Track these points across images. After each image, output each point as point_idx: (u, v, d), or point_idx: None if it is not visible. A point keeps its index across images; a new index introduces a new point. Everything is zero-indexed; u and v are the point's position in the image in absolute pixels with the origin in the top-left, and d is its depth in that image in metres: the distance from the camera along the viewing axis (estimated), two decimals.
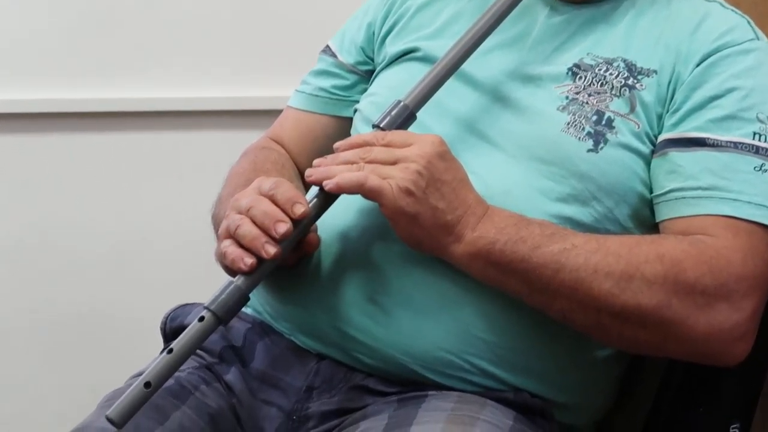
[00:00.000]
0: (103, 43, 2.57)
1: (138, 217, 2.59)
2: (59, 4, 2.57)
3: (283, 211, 1.51)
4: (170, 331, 1.72)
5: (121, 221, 2.59)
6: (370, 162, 1.52)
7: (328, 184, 1.52)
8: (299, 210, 1.52)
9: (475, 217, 1.54)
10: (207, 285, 1.58)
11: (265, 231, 1.50)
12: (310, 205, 1.55)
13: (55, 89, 2.55)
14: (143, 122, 2.56)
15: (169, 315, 1.74)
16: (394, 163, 1.52)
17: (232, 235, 1.53)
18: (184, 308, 1.73)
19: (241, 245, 1.51)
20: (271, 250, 1.49)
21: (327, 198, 1.56)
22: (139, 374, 1.54)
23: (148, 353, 1.63)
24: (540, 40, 1.73)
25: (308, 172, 1.58)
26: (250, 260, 1.50)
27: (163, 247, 2.55)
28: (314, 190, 1.61)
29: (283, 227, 1.49)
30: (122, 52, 2.58)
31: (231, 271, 1.55)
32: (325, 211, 1.57)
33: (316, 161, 1.58)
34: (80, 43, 2.57)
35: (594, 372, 1.67)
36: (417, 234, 1.53)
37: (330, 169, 1.54)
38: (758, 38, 1.69)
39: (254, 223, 1.51)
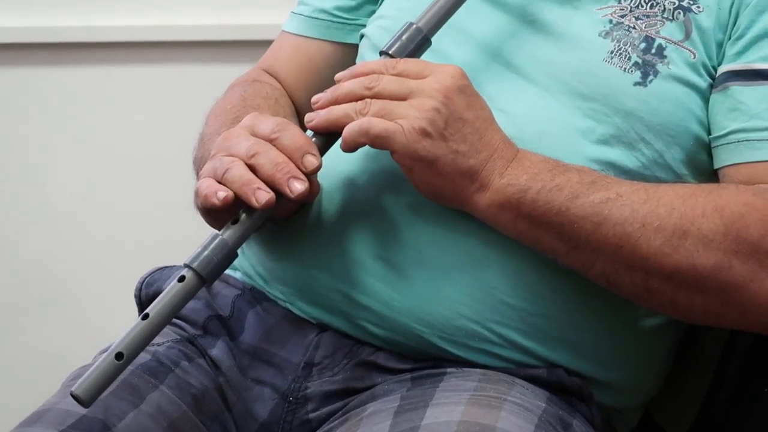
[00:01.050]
0: None
1: (109, 162, 2.58)
2: None
3: (293, 160, 1.42)
4: (146, 298, 1.62)
5: (89, 166, 2.57)
6: (377, 96, 1.43)
7: (330, 121, 1.45)
8: (311, 164, 1.42)
9: (503, 161, 1.45)
10: (190, 244, 1.47)
11: (277, 186, 1.40)
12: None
13: (47, 15, 2.56)
14: (112, 54, 2.55)
15: (145, 279, 1.65)
16: (405, 98, 1.43)
17: (218, 179, 1.42)
18: (163, 271, 1.64)
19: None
20: (299, 186, 1.40)
21: (329, 138, 1.47)
22: (104, 350, 1.45)
23: (120, 324, 1.50)
24: None
25: (308, 116, 1.48)
26: (224, 193, 1.39)
27: (138, 196, 2.53)
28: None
29: (300, 186, 1.40)
30: None
31: (212, 219, 1.48)
32: (327, 151, 1.47)
33: (314, 98, 1.49)
34: None
35: (642, 345, 1.58)
36: (435, 182, 1.44)
37: (330, 111, 1.45)
38: None
39: (261, 175, 1.41)
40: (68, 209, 2.60)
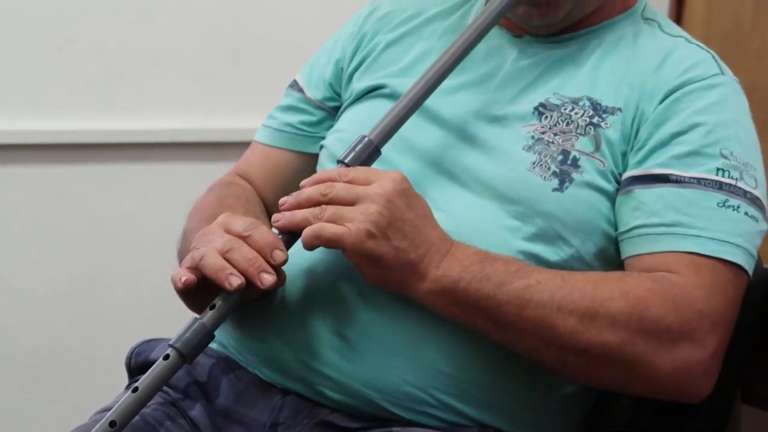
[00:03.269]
0: (67, 72, 2.58)
1: (103, 249, 2.59)
2: (28, 36, 2.56)
3: (262, 256, 1.51)
4: (135, 366, 1.72)
5: (84, 254, 2.58)
6: (331, 202, 1.52)
7: (283, 226, 1.54)
8: (280, 258, 1.52)
9: (438, 255, 1.55)
10: (174, 320, 1.59)
11: (249, 278, 1.49)
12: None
13: (16, 120, 2.55)
14: (106, 154, 2.56)
15: (134, 350, 1.74)
16: (354, 203, 1.52)
17: (195, 265, 1.52)
18: (149, 343, 1.73)
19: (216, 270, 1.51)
20: (268, 278, 1.49)
21: (292, 235, 1.56)
22: (104, 410, 1.57)
23: (112, 388, 1.67)
24: (507, 80, 1.74)
25: (275, 217, 1.58)
26: (185, 277, 1.50)
27: (128, 281, 2.54)
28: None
29: (270, 278, 1.50)
30: (86, 81, 2.57)
31: (189, 303, 1.55)
32: (290, 247, 1.57)
33: (281, 200, 1.58)
34: (45, 72, 2.57)
35: (561, 409, 1.68)
36: (381, 274, 1.54)
37: (293, 215, 1.54)
38: (723, 73, 1.70)
39: (235, 266, 1.50)
40: (67, 292, 2.59)
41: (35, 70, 2.56)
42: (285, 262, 1.53)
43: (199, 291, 1.54)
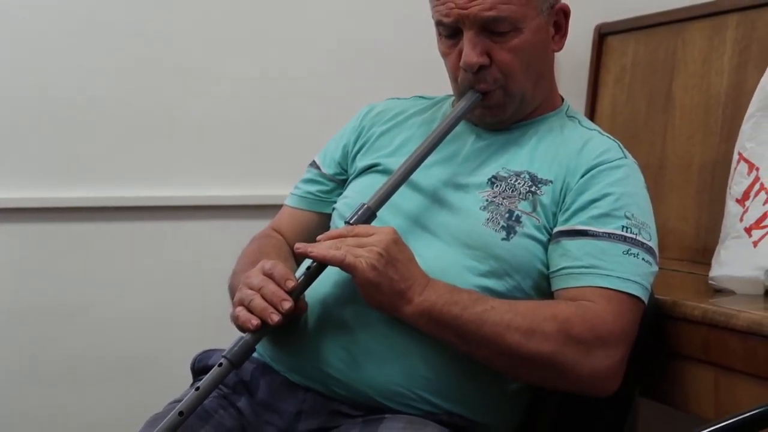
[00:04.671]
0: (144, 152, 2.54)
1: (174, 286, 2.56)
2: (112, 119, 2.52)
3: (279, 284, 1.53)
4: (197, 369, 1.72)
5: (162, 289, 2.55)
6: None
7: (318, 254, 1.53)
8: (290, 285, 1.54)
9: (420, 287, 1.54)
10: (224, 338, 1.60)
11: (273, 305, 1.51)
12: (299, 279, 1.56)
13: (110, 188, 2.50)
14: (172, 214, 2.54)
15: (197, 358, 1.74)
16: (362, 247, 1.53)
17: (245, 305, 1.53)
18: (207, 353, 1.72)
19: (250, 311, 1.53)
20: (276, 317, 1.51)
21: (312, 274, 1.57)
22: (175, 401, 1.58)
23: (181, 386, 1.67)
24: (468, 158, 1.74)
25: (296, 246, 1.58)
26: (256, 321, 1.51)
27: (193, 307, 2.51)
28: (303, 267, 1.62)
29: (287, 305, 1.51)
30: (155, 159, 2.54)
31: (242, 329, 1.55)
32: (311, 283, 1.58)
33: (295, 245, 1.59)
34: (129, 152, 2.53)
35: (507, 401, 1.67)
36: (378, 298, 1.54)
37: (318, 246, 1.55)
38: (626, 157, 1.70)
39: (264, 298, 1.52)
40: (148, 317, 2.54)
41: (114, 147, 2.52)
42: (294, 287, 1.54)
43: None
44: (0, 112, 2.44)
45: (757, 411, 0.94)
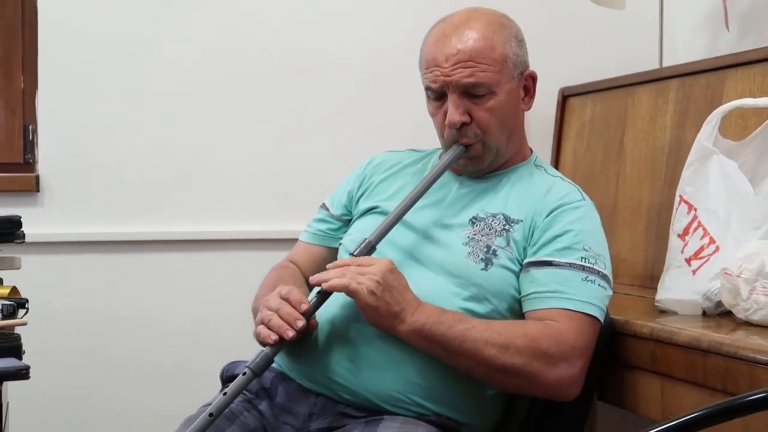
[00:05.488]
0: (186, 195, 2.56)
1: (205, 304, 2.56)
2: (162, 168, 2.55)
3: (294, 307, 1.54)
4: (225, 377, 1.70)
5: (197, 305, 2.55)
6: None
7: (327, 284, 1.54)
8: (303, 307, 1.54)
9: (412, 309, 1.54)
10: (247, 351, 1.60)
11: (289, 324, 1.52)
12: (311, 302, 1.56)
13: (159, 225, 2.53)
14: (207, 246, 2.56)
15: (225, 368, 1.73)
16: (363, 276, 1.53)
17: (265, 324, 1.54)
18: (233, 364, 1.71)
19: (269, 329, 1.53)
20: (290, 333, 1.52)
21: (322, 298, 1.57)
22: (207, 404, 1.56)
23: (210, 392, 1.64)
24: (453, 202, 1.73)
25: (311, 278, 1.59)
26: (274, 337, 1.52)
27: (221, 324, 2.51)
28: (314, 292, 1.62)
29: (300, 323, 1.52)
30: (195, 200, 2.56)
31: (262, 344, 1.55)
32: (321, 306, 1.58)
33: (310, 278, 1.61)
34: (174, 195, 2.55)
35: (486, 404, 1.66)
36: (377, 319, 1.54)
37: (327, 274, 1.55)
38: (584, 199, 1.70)
39: (281, 318, 1.53)
40: (188, 332, 2.54)
41: (163, 191, 2.55)
42: (307, 310, 1.55)
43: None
44: (74, 161, 2.49)
45: (697, 414, 0.94)
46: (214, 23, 2.56)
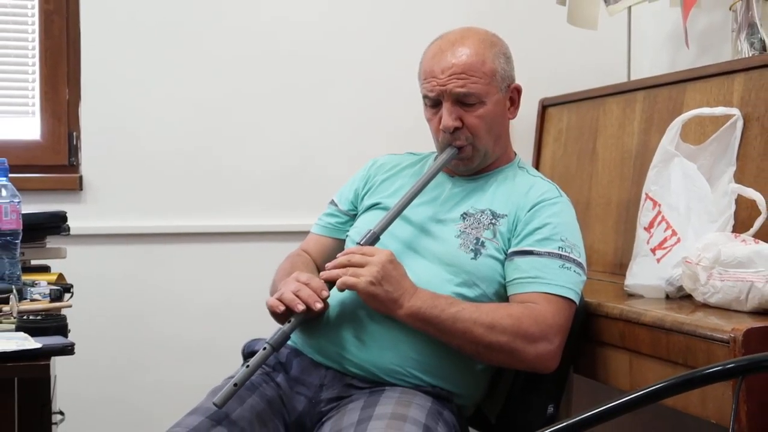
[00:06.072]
0: (210, 193, 2.56)
1: (230, 288, 2.56)
2: (193, 170, 2.55)
3: (316, 293, 1.53)
4: (247, 353, 1.70)
5: (222, 290, 2.56)
6: (351, 264, 1.54)
7: (326, 276, 1.56)
8: (325, 294, 1.54)
9: (409, 295, 1.54)
10: (266, 330, 1.59)
11: (309, 305, 1.52)
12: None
13: (188, 219, 2.54)
14: (231, 238, 2.56)
15: (246, 344, 1.72)
16: (364, 265, 1.53)
17: (293, 292, 1.53)
18: (254, 341, 1.70)
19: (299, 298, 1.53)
20: (319, 305, 1.52)
21: (332, 286, 1.57)
22: (230, 376, 1.56)
23: (233, 366, 1.64)
24: (446, 199, 1.72)
25: (322, 274, 1.59)
26: (302, 307, 1.51)
27: (243, 307, 2.49)
28: None
29: (320, 305, 1.53)
30: (217, 197, 2.56)
31: (279, 320, 1.55)
32: (330, 289, 1.57)
33: (326, 264, 1.60)
34: (201, 193, 2.55)
35: (475, 376, 1.66)
36: (377, 305, 1.54)
37: (331, 272, 1.55)
38: (561, 195, 1.69)
39: (300, 298, 1.52)
40: (213, 314, 2.52)
41: (193, 189, 2.55)
42: (328, 297, 1.54)
43: (281, 314, 1.54)
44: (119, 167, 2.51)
45: (661, 384, 0.95)
46: (237, 29, 2.56)
